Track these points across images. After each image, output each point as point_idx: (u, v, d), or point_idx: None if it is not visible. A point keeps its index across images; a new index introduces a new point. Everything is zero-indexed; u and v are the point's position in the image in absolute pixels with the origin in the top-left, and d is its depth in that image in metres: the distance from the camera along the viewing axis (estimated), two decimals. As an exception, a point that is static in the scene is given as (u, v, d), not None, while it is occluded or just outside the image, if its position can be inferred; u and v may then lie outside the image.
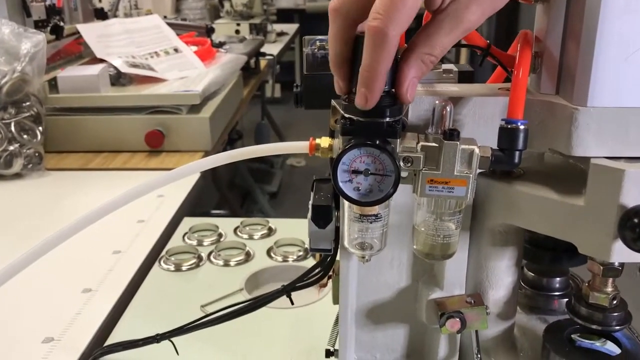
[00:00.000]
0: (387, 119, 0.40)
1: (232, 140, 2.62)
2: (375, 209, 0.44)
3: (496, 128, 0.43)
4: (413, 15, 0.37)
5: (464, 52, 3.52)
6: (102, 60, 1.51)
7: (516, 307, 0.53)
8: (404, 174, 0.43)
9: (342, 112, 0.42)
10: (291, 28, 3.65)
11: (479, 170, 0.43)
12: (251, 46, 2.16)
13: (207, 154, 1.37)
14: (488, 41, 0.47)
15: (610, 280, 0.47)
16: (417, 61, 0.40)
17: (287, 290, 0.55)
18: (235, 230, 1.01)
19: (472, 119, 0.46)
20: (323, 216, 0.49)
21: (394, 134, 0.41)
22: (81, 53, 1.72)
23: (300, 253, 0.91)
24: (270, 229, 1.01)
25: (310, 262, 0.87)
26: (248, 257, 0.92)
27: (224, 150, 2.45)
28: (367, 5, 0.38)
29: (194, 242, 0.97)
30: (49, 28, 1.48)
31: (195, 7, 3.57)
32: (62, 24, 1.53)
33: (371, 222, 0.45)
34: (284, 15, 4.44)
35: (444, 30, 0.39)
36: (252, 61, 2.16)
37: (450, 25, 0.39)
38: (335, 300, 0.54)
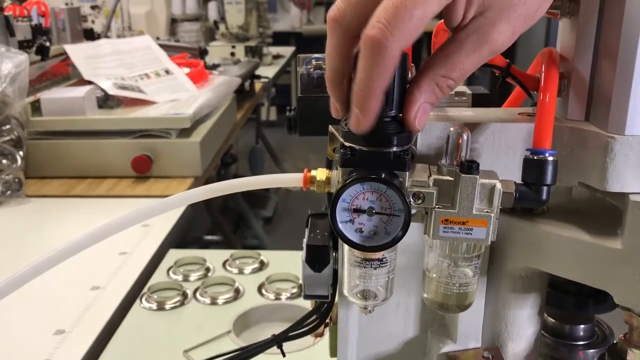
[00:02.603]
0: (394, 149, 0.36)
1: (225, 164, 2.57)
2: (380, 253, 0.39)
3: (518, 158, 0.39)
4: (420, 30, 0.32)
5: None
6: (89, 82, 1.46)
7: (538, 360, 0.47)
8: (412, 210, 0.37)
9: (341, 140, 0.37)
10: (287, 51, 3.63)
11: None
12: (246, 68, 2.12)
13: (196, 179, 1.32)
14: (508, 60, 0.42)
15: (652, 335, 0.41)
16: (431, 84, 0.35)
17: (277, 341, 0.49)
18: (224, 263, 0.96)
19: (490, 148, 0.42)
20: (319, 258, 0.44)
21: (402, 166, 0.36)
22: (69, 75, 1.68)
23: (294, 290, 0.85)
24: (262, 263, 0.96)
25: (304, 301, 0.81)
26: (237, 294, 0.86)
27: (217, 174, 2.39)
28: (371, 15, 0.33)
29: (179, 277, 0.91)
30: (34, 48, 1.43)
31: (191, 30, 3.55)
32: (48, 44, 1.48)
33: (375, 268, 0.40)
34: (280, 38, 4.44)
35: (466, 51, 0.34)
36: (247, 84, 2.12)
37: (474, 45, 0.34)
38: (333, 353, 0.49)
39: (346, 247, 0.40)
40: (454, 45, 0.35)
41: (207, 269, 0.93)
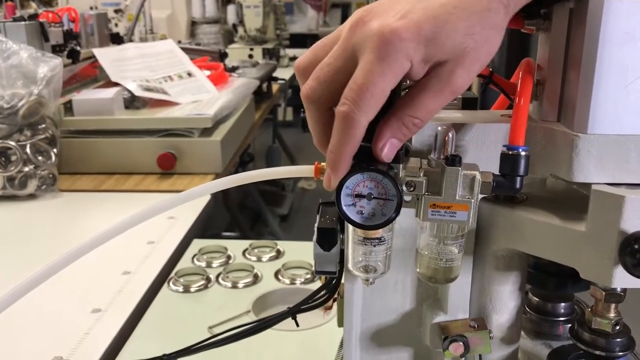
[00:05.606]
0: None
1: (243, 162, 2.63)
2: (379, 232, 0.44)
3: (499, 154, 0.43)
4: (382, 101, 0.37)
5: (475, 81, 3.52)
6: (116, 84, 1.54)
7: (520, 331, 0.53)
8: (407, 198, 0.43)
9: (346, 137, 0.43)
10: (304, 52, 3.67)
11: (481, 196, 0.44)
12: (263, 71, 2.19)
13: (217, 176, 1.38)
14: (491, 69, 0.48)
15: (613, 305, 0.47)
16: (398, 123, 0.39)
17: (292, 313, 0.55)
18: (244, 252, 1.02)
19: (475, 145, 0.47)
20: (328, 239, 0.49)
21: (396, 159, 0.42)
22: (97, 76, 1.76)
23: (308, 276, 0.92)
24: (278, 252, 1.02)
25: (317, 285, 0.88)
26: (256, 279, 0.93)
27: (235, 172, 2.46)
28: (339, 89, 0.38)
29: (203, 264, 0.98)
30: (65, 52, 1.52)
31: (210, 32, 3.63)
32: (78, 48, 1.56)
33: (375, 246, 0.45)
34: (297, 40, 4.48)
35: (430, 93, 0.38)
36: (265, 85, 2.18)
37: (436, 89, 0.38)
38: (340, 323, 0.54)
39: (351, 228, 0.45)
40: (418, 89, 0.38)
41: (228, 257, 1.00)
